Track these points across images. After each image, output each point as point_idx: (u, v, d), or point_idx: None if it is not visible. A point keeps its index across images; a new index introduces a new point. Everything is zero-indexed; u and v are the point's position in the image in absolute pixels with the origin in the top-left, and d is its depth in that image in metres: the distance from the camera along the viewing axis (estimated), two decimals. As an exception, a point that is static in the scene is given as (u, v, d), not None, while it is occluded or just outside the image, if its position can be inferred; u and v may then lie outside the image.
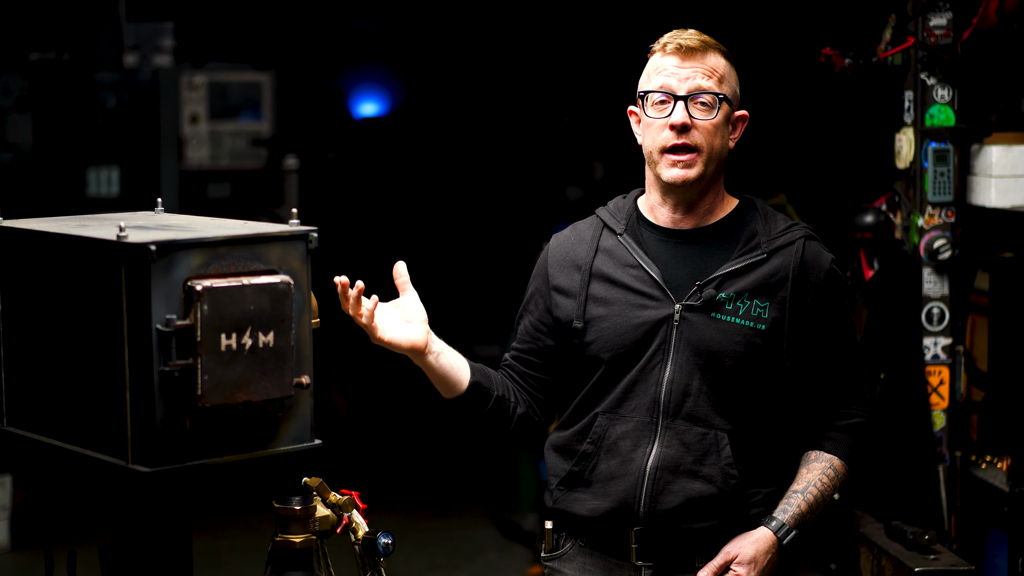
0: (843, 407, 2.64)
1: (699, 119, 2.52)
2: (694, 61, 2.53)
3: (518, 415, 2.63)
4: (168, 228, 2.08)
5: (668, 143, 2.52)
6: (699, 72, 2.53)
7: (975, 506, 4.33)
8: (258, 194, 8.04)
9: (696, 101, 2.52)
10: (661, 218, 2.61)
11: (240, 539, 5.93)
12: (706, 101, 2.52)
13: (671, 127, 2.51)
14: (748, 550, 2.54)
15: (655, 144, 2.54)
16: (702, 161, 2.52)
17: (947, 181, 4.35)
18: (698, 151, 2.52)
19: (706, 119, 2.52)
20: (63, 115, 7.61)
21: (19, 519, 6.24)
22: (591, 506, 2.58)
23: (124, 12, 7.79)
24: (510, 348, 2.71)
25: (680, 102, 2.52)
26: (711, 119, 2.52)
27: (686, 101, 2.52)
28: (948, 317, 4.39)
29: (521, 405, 2.64)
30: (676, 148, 2.52)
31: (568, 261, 2.64)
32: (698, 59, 2.53)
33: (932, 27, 4.31)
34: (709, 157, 2.53)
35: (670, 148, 2.52)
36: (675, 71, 2.53)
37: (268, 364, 1.98)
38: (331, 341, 4.05)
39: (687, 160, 2.52)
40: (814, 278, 2.56)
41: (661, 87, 2.54)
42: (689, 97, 2.52)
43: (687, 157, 2.52)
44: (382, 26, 8.67)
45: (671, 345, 2.54)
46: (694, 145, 2.52)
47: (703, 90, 2.52)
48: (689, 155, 2.52)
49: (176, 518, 2.10)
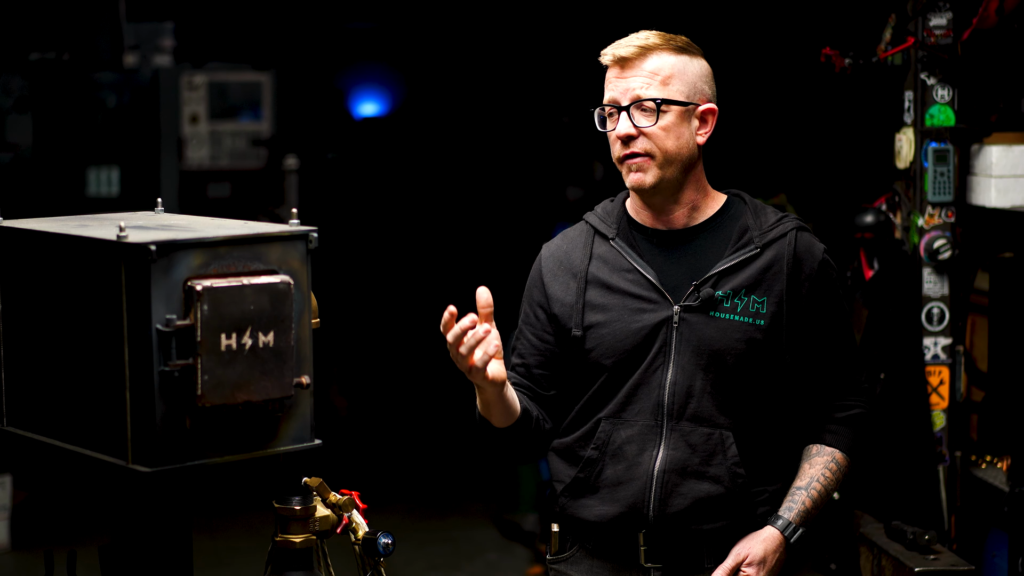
0: (841, 398, 2.64)
1: (645, 126, 2.52)
2: (632, 70, 2.54)
3: (546, 430, 2.64)
4: (168, 228, 2.08)
5: (621, 154, 2.55)
6: (638, 79, 2.53)
7: (975, 506, 4.33)
8: (258, 194, 8.04)
9: (639, 108, 2.53)
10: (647, 221, 2.62)
11: (240, 539, 5.93)
12: (647, 107, 2.53)
13: (618, 138, 2.54)
14: (757, 549, 2.55)
15: (614, 156, 2.57)
16: (656, 165, 2.53)
17: (947, 181, 4.35)
18: (650, 156, 2.53)
19: (650, 125, 2.52)
20: (63, 115, 7.60)
21: (19, 519, 6.24)
22: (599, 512, 2.57)
23: (124, 12, 7.78)
24: (513, 366, 2.67)
25: (623, 112, 2.53)
26: (655, 124, 2.52)
27: (628, 111, 2.53)
28: (948, 317, 4.39)
29: (545, 420, 2.64)
30: (628, 156, 2.54)
31: (562, 269, 2.64)
32: (636, 67, 2.54)
33: (932, 27, 4.31)
34: (664, 160, 2.53)
35: (623, 157, 2.54)
36: (616, 82, 2.56)
37: (268, 364, 1.98)
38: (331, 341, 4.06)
39: (639, 164, 2.53)
40: (808, 269, 2.57)
41: (608, 100, 2.57)
42: (631, 106, 2.53)
43: (638, 161, 2.53)
44: (382, 26, 8.67)
45: (672, 347, 2.54)
46: (644, 151, 2.53)
47: (642, 98, 2.52)
48: (640, 159, 2.53)
49: (176, 518, 2.10)
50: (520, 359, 2.66)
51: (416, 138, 8.81)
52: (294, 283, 2.02)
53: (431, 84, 8.75)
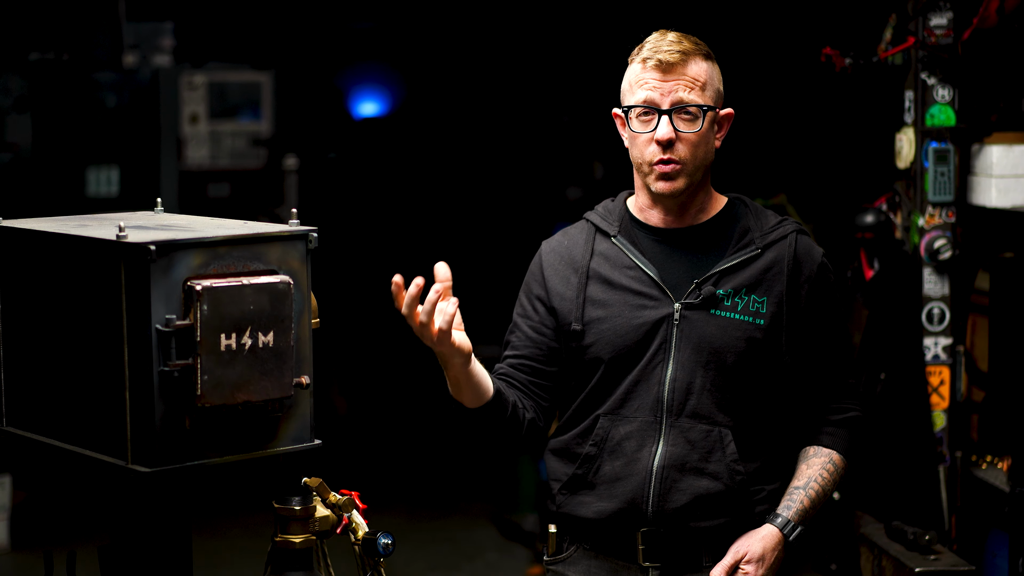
0: (837, 401, 2.65)
1: (684, 132, 2.52)
2: (675, 74, 2.53)
3: (528, 421, 2.61)
4: (168, 228, 2.08)
5: (655, 157, 2.53)
6: (681, 85, 2.52)
7: (975, 506, 4.33)
8: (258, 194, 8.04)
9: (680, 114, 2.52)
10: (652, 219, 2.62)
11: (240, 539, 5.92)
12: (691, 112, 2.52)
13: (657, 142, 2.52)
14: (756, 547, 2.55)
15: (643, 157, 2.55)
16: (686, 173, 2.53)
17: (947, 181, 4.35)
18: (683, 164, 2.52)
19: (691, 131, 2.52)
20: (63, 115, 7.60)
21: (19, 519, 6.24)
22: (597, 508, 2.57)
23: (124, 12, 7.78)
24: (504, 357, 2.66)
25: (664, 116, 2.52)
26: (696, 131, 2.52)
27: (670, 115, 2.52)
28: (948, 317, 4.39)
29: (529, 411, 2.62)
30: (662, 161, 2.52)
31: (563, 265, 2.64)
32: (679, 71, 2.53)
33: (932, 27, 4.31)
34: (694, 168, 2.53)
35: (657, 162, 2.53)
36: (657, 85, 2.53)
37: (268, 364, 1.98)
38: (331, 341, 4.05)
39: (672, 171, 2.52)
40: (807, 271, 2.58)
41: (645, 101, 2.54)
42: (673, 111, 2.52)
43: (672, 168, 2.52)
44: (382, 26, 8.67)
45: (672, 344, 2.54)
46: (679, 159, 2.52)
47: (686, 103, 2.52)
48: (674, 166, 2.52)
49: (176, 518, 2.10)
50: (514, 351, 2.65)
51: (416, 138, 8.81)
52: (294, 283, 2.02)
53: (431, 84, 8.75)
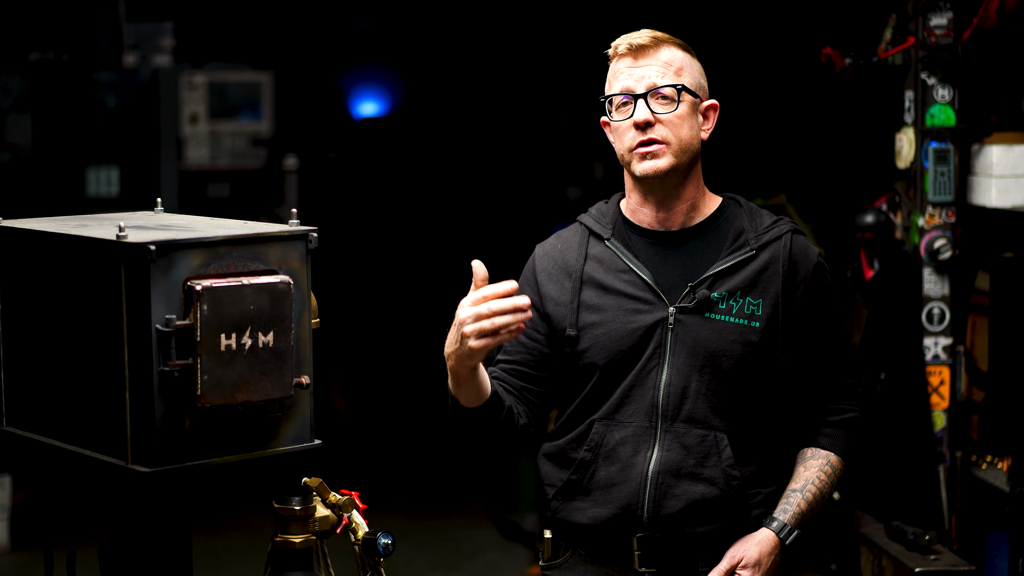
0: (835, 402, 2.64)
1: (661, 113, 2.52)
2: (647, 58, 2.54)
3: (521, 425, 2.61)
4: (168, 228, 2.08)
5: (635, 142, 2.53)
6: (654, 69, 2.54)
7: (975, 506, 4.32)
8: (258, 194, 8.04)
9: (656, 96, 2.53)
10: (645, 220, 2.61)
11: (240, 539, 5.93)
12: (666, 94, 2.53)
13: (635, 126, 2.53)
14: (752, 552, 2.54)
15: (625, 146, 2.56)
16: (671, 152, 2.53)
17: (947, 181, 4.35)
18: (665, 143, 2.52)
19: (669, 112, 2.52)
20: (63, 115, 7.60)
21: (19, 519, 6.24)
22: (592, 514, 2.56)
23: (124, 12, 7.78)
24: (497, 362, 2.65)
25: (640, 100, 2.53)
26: (674, 111, 2.52)
27: (646, 98, 2.53)
28: (948, 317, 4.39)
29: (522, 416, 2.62)
30: (643, 143, 2.53)
31: (557, 269, 2.63)
32: (651, 55, 2.54)
33: (932, 27, 4.31)
34: (679, 148, 2.53)
35: (637, 145, 2.53)
36: (630, 71, 2.55)
37: (268, 364, 1.97)
38: (331, 341, 4.06)
39: (654, 151, 2.52)
40: (803, 272, 2.58)
41: (622, 90, 2.55)
42: (648, 94, 2.53)
43: (654, 148, 2.52)
44: (382, 26, 8.67)
45: (667, 348, 2.53)
46: (660, 139, 2.52)
47: (658, 85, 2.53)
48: (656, 146, 2.52)
49: (176, 518, 2.10)
50: (506, 356, 2.64)
51: (416, 138, 8.81)
52: (294, 283, 2.02)
53: (431, 84, 8.75)
